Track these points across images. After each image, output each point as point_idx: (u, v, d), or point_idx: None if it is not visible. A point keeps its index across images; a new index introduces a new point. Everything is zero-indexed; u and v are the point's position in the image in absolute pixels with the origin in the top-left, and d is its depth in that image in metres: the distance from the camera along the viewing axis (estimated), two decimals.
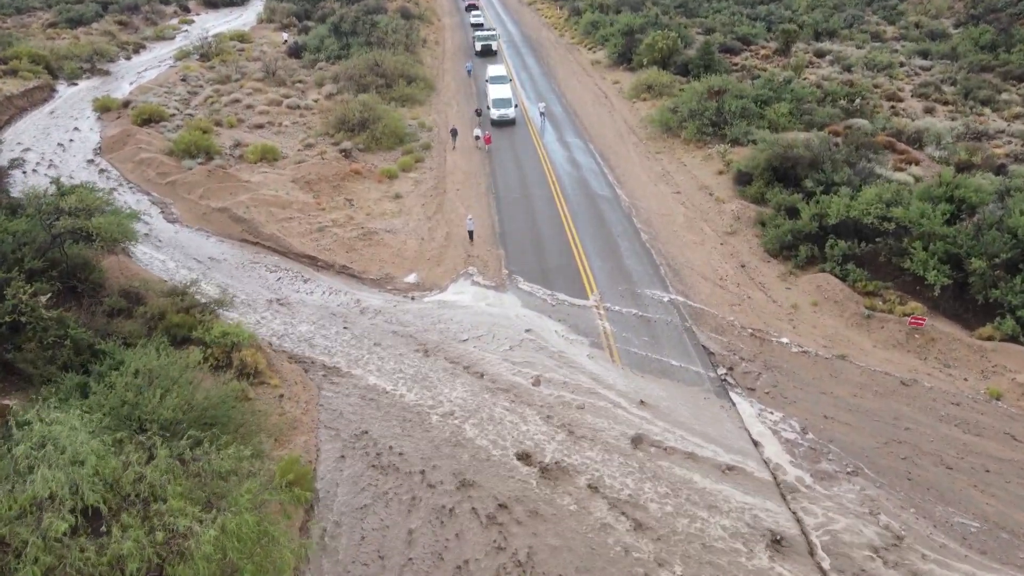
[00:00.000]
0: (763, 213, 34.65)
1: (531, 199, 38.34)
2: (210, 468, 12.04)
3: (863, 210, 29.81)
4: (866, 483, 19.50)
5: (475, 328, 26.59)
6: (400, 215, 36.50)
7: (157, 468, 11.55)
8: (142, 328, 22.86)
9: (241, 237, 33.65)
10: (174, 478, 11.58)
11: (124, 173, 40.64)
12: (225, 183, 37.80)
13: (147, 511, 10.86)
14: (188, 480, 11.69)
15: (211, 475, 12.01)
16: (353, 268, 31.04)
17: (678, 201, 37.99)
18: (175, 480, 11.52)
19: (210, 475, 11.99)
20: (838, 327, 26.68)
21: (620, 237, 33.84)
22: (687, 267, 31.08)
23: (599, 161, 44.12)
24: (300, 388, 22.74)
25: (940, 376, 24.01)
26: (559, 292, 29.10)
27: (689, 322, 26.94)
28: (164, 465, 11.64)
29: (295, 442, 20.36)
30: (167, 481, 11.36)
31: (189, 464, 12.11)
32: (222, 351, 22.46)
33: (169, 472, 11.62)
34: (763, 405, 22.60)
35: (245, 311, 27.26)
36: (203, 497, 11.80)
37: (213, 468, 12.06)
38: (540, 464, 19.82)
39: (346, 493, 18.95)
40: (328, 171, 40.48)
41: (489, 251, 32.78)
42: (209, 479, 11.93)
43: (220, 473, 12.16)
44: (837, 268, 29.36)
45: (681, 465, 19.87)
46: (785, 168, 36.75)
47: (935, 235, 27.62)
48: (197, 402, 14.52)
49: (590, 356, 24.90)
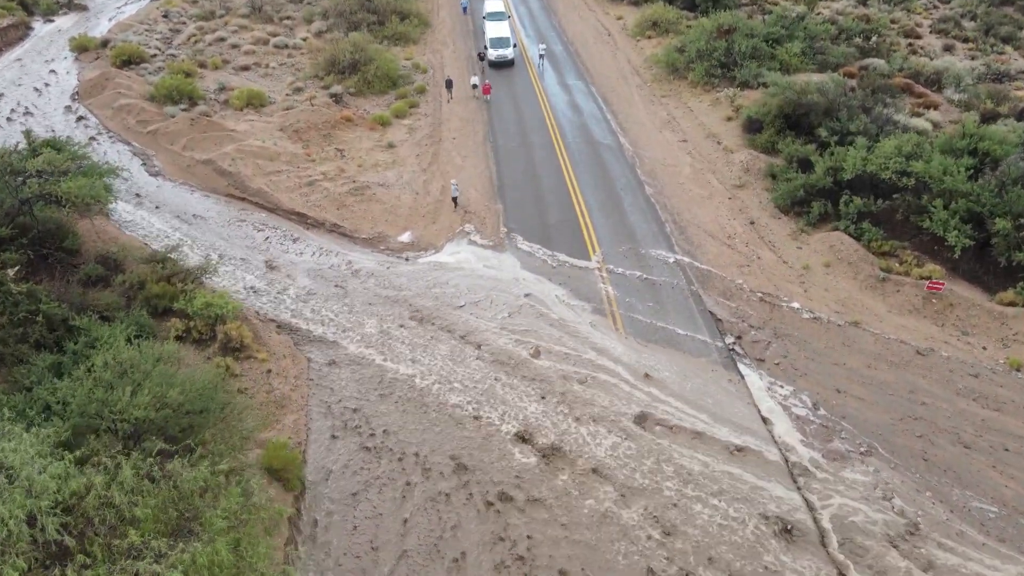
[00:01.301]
0: (774, 164, 33.03)
1: (531, 148, 36.58)
2: (182, 485, 11.07)
3: (881, 164, 28.22)
4: (880, 464, 18.68)
5: (472, 293, 25.40)
6: (393, 166, 34.83)
7: (123, 488, 10.57)
8: (120, 299, 21.69)
9: (227, 192, 32.08)
10: (143, 498, 10.62)
11: (103, 121, 38.69)
12: (209, 133, 35.95)
13: (112, 541, 9.91)
14: (158, 498, 10.72)
15: (183, 494, 11.05)
16: (344, 227, 29.63)
17: (684, 150, 36.26)
18: (143, 501, 10.55)
19: (182, 494, 11.03)
20: (851, 290, 25.51)
21: (623, 191, 32.30)
22: (693, 224, 29.69)
23: (601, 106, 42.07)
24: (289, 361, 21.71)
25: (958, 345, 22.99)
26: (560, 252, 27.80)
27: (696, 285, 25.74)
28: (130, 485, 10.65)
29: (284, 422, 19.44)
30: (134, 504, 10.38)
31: (159, 482, 11.13)
32: (205, 324, 21.34)
33: (137, 493, 10.65)
34: (773, 378, 21.63)
35: (231, 276, 26.01)
36: (175, 518, 10.87)
37: (185, 486, 11.09)
38: (540, 446, 18.94)
39: (337, 478, 18.13)
40: (318, 119, 38.54)
41: (487, 206, 31.31)
42: (180, 498, 10.97)
43: (192, 491, 11.20)
44: (851, 226, 27.99)
45: (688, 446, 19.00)
46: (798, 115, 34.93)
47: (957, 192, 26.15)
48: (172, 399, 13.49)
49: (592, 324, 23.80)
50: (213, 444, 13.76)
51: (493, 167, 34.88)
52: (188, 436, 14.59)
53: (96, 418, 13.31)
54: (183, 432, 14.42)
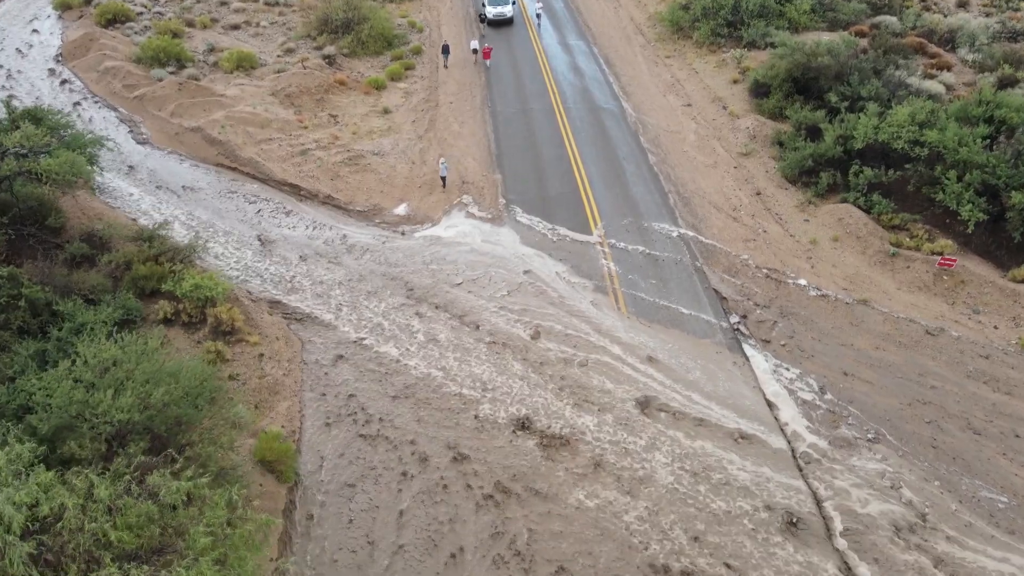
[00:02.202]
0: (781, 131, 32.00)
1: (530, 114, 35.44)
2: (165, 499, 10.55)
3: (893, 133, 27.24)
4: (888, 452, 18.24)
5: (470, 269, 24.70)
6: (389, 133, 33.78)
7: (99, 507, 10.04)
8: (107, 280, 21.00)
9: (217, 161, 31.10)
10: (120, 517, 10.09)
11: (88, 84, 37.43)
12: (198, 98, 34.78)
13: (89, 570, 9.42)
14: (138, 516, 10.21)
15: (164, 509, 10.53)
16: (339, 198, 28.75)
17: (689, 116, 35.14)
18: (121, 521, 10.03)
19: (163, 509, 10.52)
20: (860, 266, 24.81)
21: (626, 160, 31.32)
22: (698, 195, 28.81)
23: (603, 68, 40.71)
24: (282, 344, 21.12)
25: (969, 324, 22.39)
26: (560, 226, 27.00)
27: (700, 261, 25.03)
28: (106, 505, 10.13)
29: (277, 409, 18.94)
30: (111, 527, 9.86)
31: (140, 497, 10.59)
32: (195, 306, 20.68)
33: (115, 513, 10.12)
34: (779, 360, 21.08)
35: (223, 253, 25.25)
36: (157, 535, 10.38)
37: (168, 499, 10.57)
38: (540, 434, 18.47)
39: (332, 468, 17.69)
40: (310, 82, 37.29)
41: (485, 176, 30.38)
42: (162, 514, 10.46)
43: (176, 504, 10.70)
44: (861, 198, 27.14)
45: (691, 434, 18.54)
46: (807, 79, 33.73)
47: (971, 163, 25.23)
48: (156, 399, 12.92)
49: (594, 303, 23.16)
50: (201, 445, 13.24)
51: (491, 134, 33.82)
52: (176, 433, 14.12)
53: (78, 419, 12.77)
54: (169, 430, 13.92)
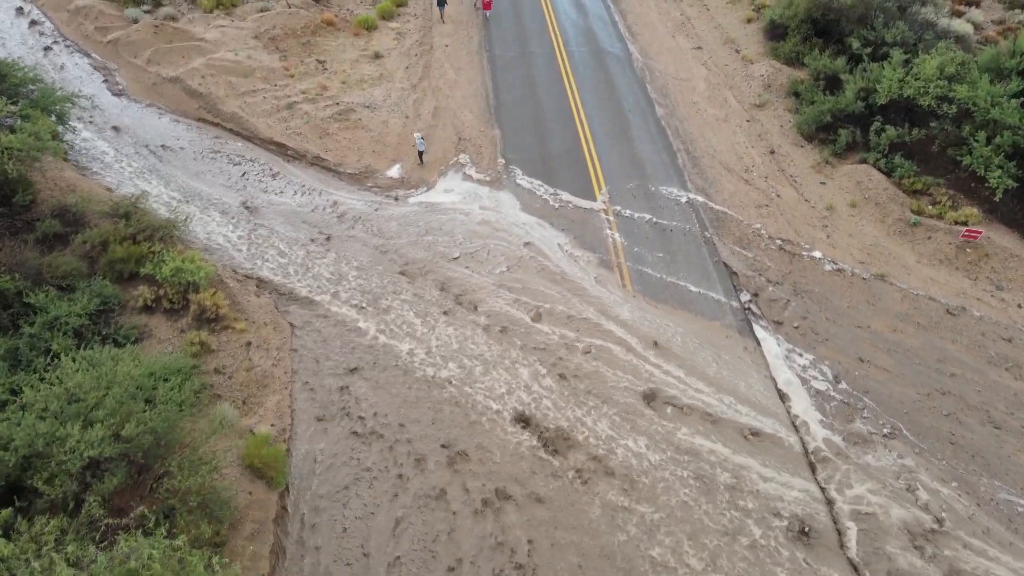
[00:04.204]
0: (798, 80, 30.07)
1: (530, 59, 33.31)
2: (135, 567, 9.75)
3: (920, 88, 25.42)
4: (904, 448, 17.50)
5: (468, 241, 23.42)
6: (381, 82, 31.77)
7: None
8: (81, 263, 19.77)
9: (198, 116, 29.28)
10: None
11: (59, 26, 35.06)
12: (175, 43, 32.57)
13: None
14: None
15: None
16: (328, 159, 27.13)
17: (699, 61, 33.03)
18: None
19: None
20: (878, 236, 23.54)
21: (632, 112, 29.52)
22: (708, 154, 27.21)
23: (609, 4, 38.21)
24: (271, 330, 20.08)
25: (991, 303, 21.32)
26: (563, 190, 25.53)
27: (710, 231, 23.73)
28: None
29: (266, 405, 18.07)
30: None
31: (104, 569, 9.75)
32: (177, 292, 19.54)
33: None
34: (791, 344, 20.11)
35: (206, 225, 23.88)
36: None
37: (139, 565, 9.76)
38: (541, 431, 17.65)
39: (325, 470, 16.95)
40: (296, 23, 34.95)
41: (482, 132, 28.67)
42: None
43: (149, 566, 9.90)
44: (881, 159, 25.59)
45: (699, 430, 17.74)
46: (827, 21, 31.51)
47: (1003, 124, 23.58)
48: (129, 432, 11.98)
49: (598, 279, 22.00)
50: (180, 476, 12.38)
51: (489, 83, 31.83)
52: (154, 457, 13.27)
53: (44, 455, 11.87)
54: (147, 455, 13.05)
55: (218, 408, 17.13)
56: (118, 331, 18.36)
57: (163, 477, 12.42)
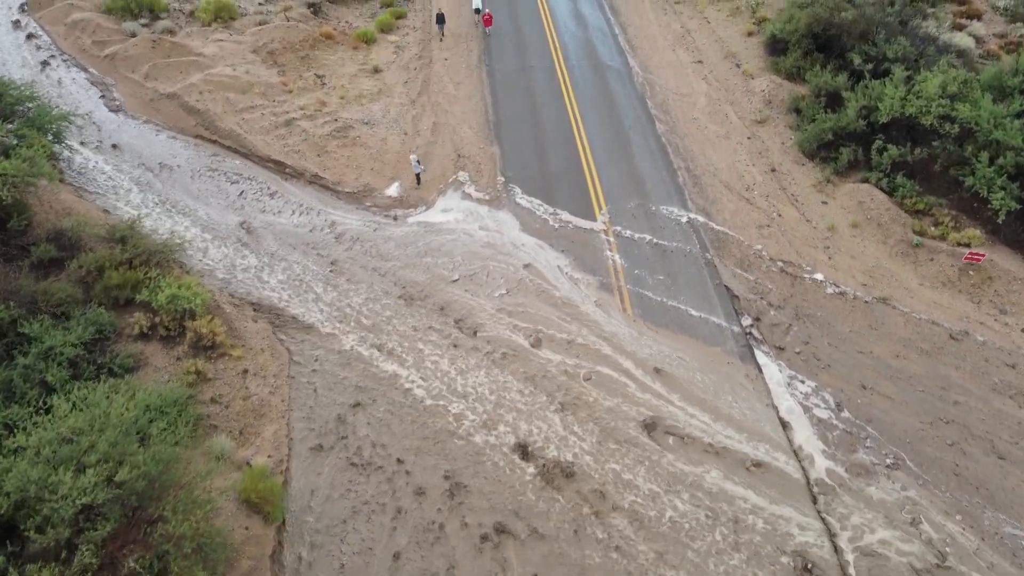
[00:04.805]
0: (799, 96, 29.90)
1: (530, 72, 33.14)
2: None
3: (922, 107, 25.25)
4: (908, 479, 17.32)
5: (467, 262, 23.24)
6: (379, 97, 31.60)
7: None
8: (76, 289, 19.59)
9: (196, 133, 29.09)
10: None
11: (56, 40, 34.87)
12: (173, 57, 32.39)
13: None
14: None
15: None
16: (326, 178, 26.95)
17: (699, 75, 32.86)
18: None
19: None
20: (880, 258, 23.37)
21: (632, 129, 29.34)
22: (709, 172, 27.03)
23: (608, 16, 38.02)
24: (268, 356, 19.89)
25: (995, 327, 21.15)
26: (562, 209, 25.36)
27: (711, 253, 23.55)
28: None
29: (263, 435, 17.89)
30: None
31: None
32: (172, 319, 19.36)
33: None
34: (793, 371, 19.93)
35: (203, 247, 23.69)
36: None
37: None
38: (540, 461, 17.47)
39: (322, 502, 16.75)
40: (295, 36, 34.78)
41: (482, 148, 28.49)
42: None
43: None
44: (883, 179, 25.42)
45: (700, 461, 17.56)
46: (828, 36, 31.34)
47: (1006, 145, 23.41)
48: (122, 477, 11.82)
49: (598, 303, 21.83)
50: (175, 522, 12.19)
51: (488, 97, 31.65)
52: (148, 499, 13.10)
53: (36, 500, 11.70)
54: (141, 497, 12.87)
55: (214, 440, 16.96)
56: (113, 360, 18.17)
57: (157, 522, 12.25)
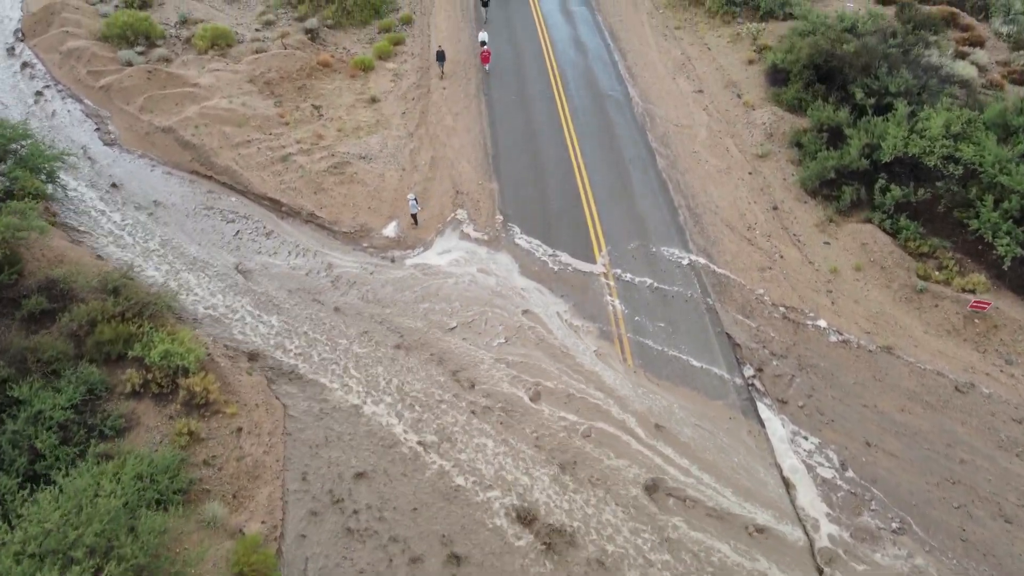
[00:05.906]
0: (800, 129, 29.59)
1: (529, 102, 32.83)
2: None
3: (926, 147, 24.95)
4: (914, 546, 17.00)
5: (465, 308, 22.92)
6: (377, 129, 31.29)
7: None
8: (68, 344, 19.25)
9: (191, 168, 28.78)
10: None
11: (51, 68, 34.55)
12: (169, 88, 32.06)
13: None
14: None
15: None
16: (323, 217, 26.62)
17: (700, 105, 32.55)
18: None
19: None
20: (884, 303, 23.06)
21: (632, 164, 29.03)
22: (710, 211, 26.71)
23: (608, 42, 37.70)
24: (263, 412, 19.57)
25: (1001, 378, 20.84)
26: (562, 251, 25.03)
27: (712, 298, 23.23)
28: None
29: (257, 498, 17.55)
30: None
31: None
32: (165, 376, 19.04)
33: None
34: (796, 426, 19.62)
35: (197, 293, 23.37)
36: None
37: None
38: (539, 526, 17.13)
39: (317, 572, 16.43)
40: (292, 65, 34.46)
41: (480, 185, 28.17)
42: None
43: None
44: (886, 220, 25.10)
45: (702, 527, 17.22)
46: (830, 67, 31.01)
47: (1010, 189, 23.11)
48: (110, 572, 11.49)
49: (598, 353, 21.51)
50: None
51: (487, 129, 31.33)
52: None
53: None
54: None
55: (207, 507, 16.65)
56: (104, 421, 17.84)
57: None
